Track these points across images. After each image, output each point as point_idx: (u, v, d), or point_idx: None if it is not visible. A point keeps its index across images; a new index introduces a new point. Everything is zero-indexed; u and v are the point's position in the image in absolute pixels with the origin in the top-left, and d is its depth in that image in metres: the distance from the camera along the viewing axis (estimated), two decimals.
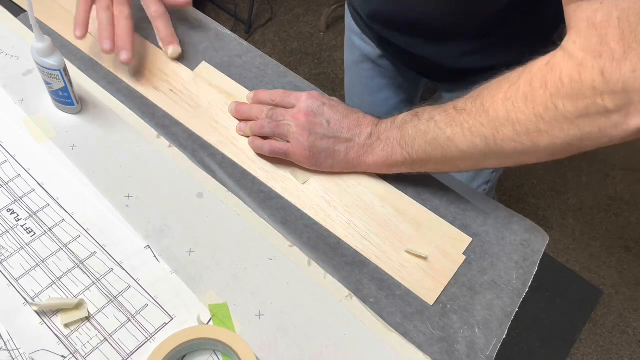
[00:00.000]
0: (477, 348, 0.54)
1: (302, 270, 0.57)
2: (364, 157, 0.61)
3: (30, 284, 0.54)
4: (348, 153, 0.61)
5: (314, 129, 0.61)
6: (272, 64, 0.76)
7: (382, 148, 0.60)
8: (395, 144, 0.59)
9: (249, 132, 0.66)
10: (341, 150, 0.61)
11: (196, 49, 0.76)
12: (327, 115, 0.61)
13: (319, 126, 0.61)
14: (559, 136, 0.48)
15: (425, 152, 0.57)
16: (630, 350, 1.49)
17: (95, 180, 0.62)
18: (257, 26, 2.22)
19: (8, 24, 0.75)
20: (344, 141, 0.61)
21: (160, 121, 0.68)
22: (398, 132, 0.59)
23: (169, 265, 0.57)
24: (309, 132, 0.61)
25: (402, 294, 0.57)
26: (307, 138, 0.61)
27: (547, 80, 0.47)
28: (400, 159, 0.60)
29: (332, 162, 0.62)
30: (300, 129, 0.61)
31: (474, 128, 0.53)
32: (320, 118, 0.61)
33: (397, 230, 0.61)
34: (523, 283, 0.59)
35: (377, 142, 0.60)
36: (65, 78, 0.62)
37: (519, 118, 0.49)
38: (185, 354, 0.51)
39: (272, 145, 0.63)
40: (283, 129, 0.62)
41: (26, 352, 0.50)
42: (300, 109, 0.62)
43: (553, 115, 0.47)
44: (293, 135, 0.61)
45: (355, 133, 0.61)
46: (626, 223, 1.73)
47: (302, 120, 0.61)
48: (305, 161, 0.62)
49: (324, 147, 0.61)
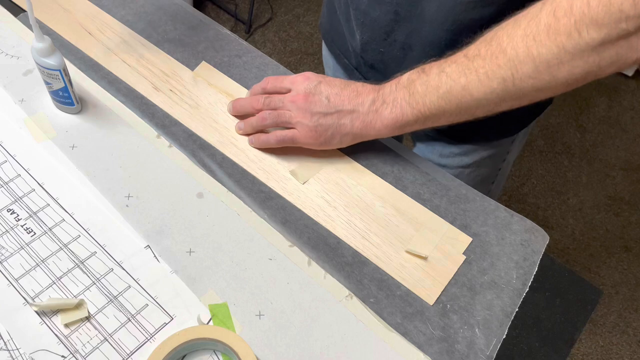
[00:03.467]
0: (477, 348, 0.54)
1: (302, 270, 0.57)
2: (371, 124, 0.60)
3: (30, 284, 0.54)
4: (354, 124, 0.61)
5: (315, 109, 0.60)
6: (272, 64, 0.76)
7: (390, 111, 0.59)
8: (404, 104, 0.58)
9: (250, 129, 0.66)
10: (346, 123, 0.61)
11: (196, 49, 0.76)
12: (325, 92, 0.61)
13: (319, 104, 0.60)
14: (579, 65, 0.48)
15: (438, 106, 0.56)
16: (630, 350, 1.49)
17: (95, 180, 0.62)
18: (257, 26, 2.22)
19: (8, 24, 0.75)
20: (347, 113, 0.60)
21: (160, 121, 0.68)
22: (405, 91, 0.58)
23: (169, 265, 0.57)
24: (311, 113, 0.60)
25: (402, 294, 0.57)
26: (310, 119, 0.60)
27: (572, 6, 0.46)
28: (412, 118, 0.58)
29: (340, 138, 0.62)
30: (302, 112, 0.61)
31: (490, 72, 0.52)
32: (319, 96, 0.61)
33: (397, 230, 0.61)
34: (523, 283, 0.59)
35: (383, 106, 0.59)
36: (65, 78, 0.62)
37: (540, 52, 0.49)
38: (185, 354, 0.51)
39: (277, 135, 0.63)
40: (285, 116, 0.62)
41: (26, 352, 0.50)
42: (297, 92, 0.61)
43: (575, 44, 0.47)
44: (296, 119, 0.61)
45: (358, 102, 0.60)
46: (626, 223, 1.74)
47: (302, 103, 0.61)
48: (313, 142, 0.62)
49: (329, 124, 0.61)
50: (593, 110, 2.00)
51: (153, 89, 0.71)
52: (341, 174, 0.65)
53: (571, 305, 0.66)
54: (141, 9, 0.80)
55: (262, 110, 0.64)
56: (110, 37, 0.76)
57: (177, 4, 0.82)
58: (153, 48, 0.75)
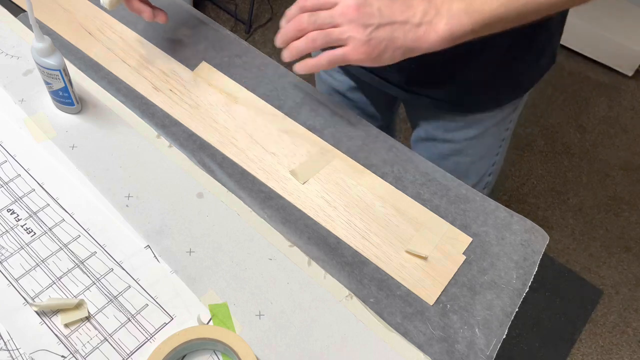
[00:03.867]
0: (477, 348, 0.54)
1: (302, 270, 0.57)
2: (425, 36, 0.57)
3: (30, 284, 0.54)
4: (407, 36, 0.57)
5: (368, 21, 0.56)
6: (272, 64, 0.76)
7: (446, 22, 0.56)
8: (461, 14, 0.55)
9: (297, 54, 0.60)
10: (400, 36, 0.57)
11: (196, 49, 0.76)
12: (377, 3, 0.57)
13: (372, 16, 0.56)
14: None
15: (497, 14, 0.55)
16: (630, 350, 1.49)
17: (95, 180, 0.62)
18: (257, 26, 2.22)
19: (8, 24, 0.75)
20: (400, 25, 0.57)
21: (160, 121, 0.68)
22: (462, 2, 0.55)
23: (169, 265, 0.57)
24: (364, 25, 0.56)
25: (402, 294, 0.57)
26: (363, 32, 0.56)
27: None
28: (468, 29, 0.56)
29: (392, 52, 0.58)
30: (354, 25, 0.56)
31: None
32: (370, 7, 0.56)
33: (397, 230, 0.61)
34: (523, 283, 0.59)
35: (437, 17, 0.56)
36: (65, 78, 0.62)
37: None
38: (185, 354, 0.51)
39: (328, 56, 0.59)
40: (335, 33, 0.57)
41: (26, 352, 0.50)
42: (347, 4, 0.57)
43: None
44: (347, 34, 0.57)
45: (410, 14, 0.56)
46: (626, 223, 1.73)
47: (354, 15, 0.56)
48: (366, 57, 0.58)
49: (383, 37, 0.57)
50: (593, 110, 2.00)
51: (153, 89, 0.71)
52: (341, 174, 0.65)
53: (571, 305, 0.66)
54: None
55: (307, 30, 0.59)
56: (110, 37, 0.76)
57: (177, 4, 0.82)
58: (153, 48, 0.75)
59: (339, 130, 0.70)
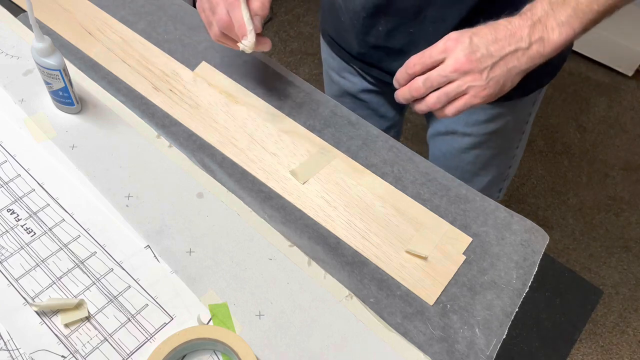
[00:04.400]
0: (477, 348, 0.54)
1: (302, 270, 0.57)
2: (538, 52, 0.58)
3: (30, 284, 0.54)
4: (521, 62, 0.58)
5: (482, 65, 0.57)
6: (272, 64, 0.76)
7: (559, 32, 0.57)
8: (571, 20, 0.57)
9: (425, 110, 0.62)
10: (514, 64, 0.58)
11: (196, 49, 0.76)
12: (483, 44, 0.58)
13: (484, 60, 0.57)
14: None
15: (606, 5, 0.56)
16: (630, 350, 1.49)
17: (95, 180, 0.62)
18: None
19: (8, 24, 0.75)
20: (511, 55, 0.58)
21: (160, 121, 0.68)
22: (567, 8, 0.57)
23: (169, 265, 0.57)
24: (480, 72, 0.57)
25: (402, 294, 0.57)
26: (481, 78, 0.58)
27: None
28: (580, 31, 0.58)
29: (512, 80, 0.59)
30: (470, 76, 0.57)
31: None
32: (480, 52, 0.57)
33: (397, 230, 0.61)
34: (523, 283, 0.59)
35: (547, 32, 0.57)
36: (65, 78, 0.62)
37: None
38: (185, 354, 0.51)
39: (455, 109, 0.60)
40: (453, 90, 0.58)
41: (26, 352, 0.50)
42: (457, 58, 0.57)
43: None
44: (465, 85, 0.58)
45: (516, 41, 0.57)
46: (626, 223, 1.74)
47: (468, 67, 0.57)
48: (489, 98, 0.59)
49: (500, 73, 0.58)
50: (593, 110, 2.00)
51: (153, 89, 0.71)
52: (341, 174, 0.65)
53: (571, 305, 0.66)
54: (141, 9, 0.80)
55: (425, 94, 0.60)
56: (110, 37, 0.76)
57: (177, 4, 0.82)
58: (153, 48, 0.75)
59: (339, 130, 0.70)
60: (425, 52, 0.59)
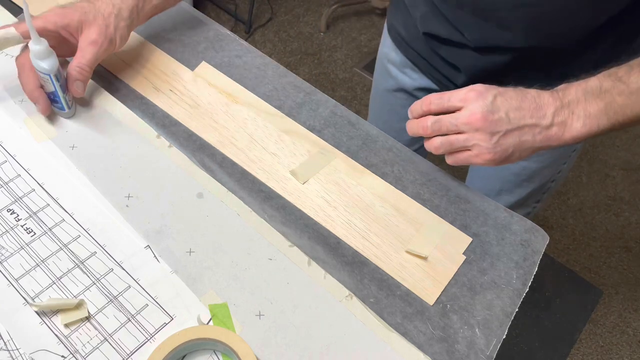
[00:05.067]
0: (477, 348, 0.54)
1: (302, 270, 0.57)
2: (556, 135, 0.56)
3: (30, 284, 0.54)
4: (536, 138, 0.56)
5: (495, 129, 0.55)
6: (272, 64, 0.76)
7: (583, 123, 0.55)
8: (599, 115, 0.55)
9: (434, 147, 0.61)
10: (528, 139, 0.56)
11: (196, 49, 0.76)
12: (504, 108, 0.56)
13: (500, 124, 0.55)
14: None
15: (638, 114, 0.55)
16: (630, 350, 1.49)
17: (95, 180, 0.62)
18: (257, 26, 2.22)
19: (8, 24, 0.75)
20: (529, 128, 0.56)
21: (160, 121, 0.68)
22: (600, 102, 0.55)
23: (169, 265, 0.57)
24: (491, 134, 0.55)
25: (402, 294, 0.57)
26: (490, 140, 0.56)
27: None
28: (606, 127, 0.56)
29: (519, 154, 0.58)
30: (480, 134, 0.56)
31: None
32: (498, 114, 0.55)
33: (397, 230, 0.61)
34: (523, 283, 0.59)
35: (572, 117, 0.56)
36: (55, 83, 0.61)
37: None
38: (185, 354, 0.51)
39: (454, 161, 0.60)
40: (459, 142, 0.57)
41: (26, 352, 0.50)
42: (472, 112, 0.56)
43: None
44: (472, 141, 0.57)
45: (539, 115, 0.56)
46: (626, 223, 1.74)
47: (480, 125, 0.55)
48: (492, 163, 0.58)
49: (510, 143, 0.56)
50: None
51: (153, 89, 0.71)
52: (341, 174, 0.65)
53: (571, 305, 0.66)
54: None
55: (431, 135, 0.60)
56: None
57: (177, 4, 0.81)
58: (153, 48, 0.75)
59: (339, 130, 0.70)
60: (446, 95, 0.58)
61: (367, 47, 2.20)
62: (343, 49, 2.18)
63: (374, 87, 1.00)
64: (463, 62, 0.74)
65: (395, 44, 0.86)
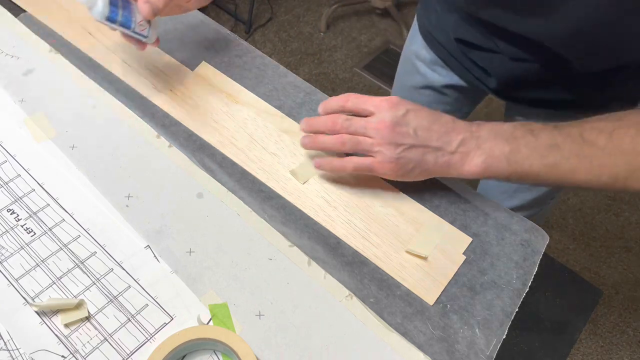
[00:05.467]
0: (477, 348, 0.54)
1: (302, 270, 0.57)
2: (457, 165, 0.58)
3: (30, 284, 0.54)
4: (437, 161, 0.58)
5: (400, 140, 0.57)
6: (272, 64, 0.76)
7: (484, 160, 0.56)
8: (501, 157, 0.56)
9: (321, 149, 0.62)
10: (430, 159, 0.58)
11: (196, 49, 0.76)
12: (414, 123, 0.57)
13: (406, 136, 0.57)
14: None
15: (537, 173, 0.55)
16: (630, 350, 1.49)
17: (95, 180, 0.62)
18: (257, 26, 2.22)
19: (8, 24, 0.75)
20: (433, 150, 0.57)
21: (160, 121, 0.68)
22: (506, 145, 0.56)
23: (169, 265, 0.57)
24: (396, 144, 0.57)
25: (402, 294, 0.57)
26: (393, 150, 0.57)
27: None
28: (505, 174, 0.57)
29: (419, 172, 0.59)
30: (385, 142, 0.57)
31: (604, 166, 0.52)
32: (406, 127, 0.57)
33: (397, 230, 0.61)
34: (523, 283, 0.59)
35: (475, 151, 0.57)
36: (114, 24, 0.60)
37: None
38: (185, 354, 0.51)
39: (356, 163, 0.60)
40: (366, 144, 0.58)
41: (26, 352, 0.50)
42: (382, 120, 0.57)
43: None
44: (377, 147, 0.57)
45: (446, 140, 0.57)
46: (626, 223, 1.74)
47: (387, 132, 0.57)
48: (391, 174, 0.59)
49: (412, 158, 0.57)
50: None
51: (153, 89, 0.71)
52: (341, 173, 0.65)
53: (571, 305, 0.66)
54: None
55: (339, 132, 0.60)
56: (110, 37, 0.76)
57: None
58: (153, 48, 0.75)
59: None
60: (364, 97, 0.59)
61: (367, 47, 2.20)
62: (343, 49, 2.18)
63: (397, 85, 1.00)
64: (494, 67, 0.74)
65: (426, 41, 0.86)
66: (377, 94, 2.08)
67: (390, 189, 0.64)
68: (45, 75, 0.70)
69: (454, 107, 0.94)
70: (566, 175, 0.54)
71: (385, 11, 2.28)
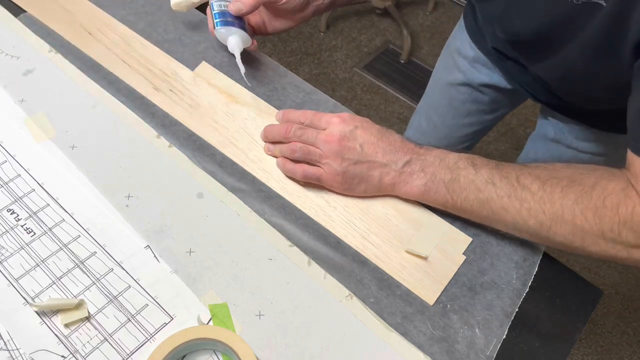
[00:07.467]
0: (477, 348, 0.54)
1: (302, 270, 0.57)
2: (400, 184, 0.60)
3: (30, 284, 0.54)
4: (382, 178, 0.60)
5: (347, 154, 0.59)
6: (272, 64, 0.76)
7: (425, 183, 0.58)
8: (441, 184, 0.58)
9: (279, 154, 0.64)
10: (375, 175, 0.59)
11: (196, 49, 0.76)
12: (361, 139, 0.59)
13: (352, 151, 0.59)
14: (609, 251, 0.52)
15: (471, 206, 0.57)
16: (630, 350, 1.49)
17: (95, 180, 0.62)
18: None
19: (8, 24, 0.75)
20: (379, 166, 0.59)
21: (160, 121, 0.68)
22: (448, 173, 0.58)
23: (169, 265, 0.57)
24: (342, 158, 0.59)
25: (402, 294, 0.57)
26: (339, 163, 0.59)
27: (619, 207, 0.50)
28: (441, 200, 0.58)
29: (365, 187, 0.61)
30: (332, 154, 0.59)
31: (533, 211, 0.54)
32: (353, 142, 0.59)
33: (397, 230, 0.61)
34: (523, 283, 0.59)
35: (419, 174, 0.59)
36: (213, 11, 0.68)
37: (583, 226, 0.52)
38: (185, 354, 0.51)
39: (304, 170, 0.61)
40: (315, 154, 0.60)
41: (26, 352, 0.50)
42: (332, 133, 0.59)
43: (614, 238, 0.51)
44: (325, 159, 0.60)
45: (392, 159, 0.59)
46: None
47: (335, 145, 0.59)
48: (338, 186, 0.61)
49: (358, 173, 0.59)
50: None
51: (153, 89, 0.71)
52: None
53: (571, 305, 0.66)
54: (141, 9, 0.80)
55: (291, 140, 0.62)
56: (110, 37, 0.76)
57: None
58: (153, 48, 0.75)
59: None
60: (319, 114, 0.62)
61: (367, 47, 2.20)
62: (343, 49, 2.18)
63: (434, 80, 1.00)
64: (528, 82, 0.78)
65: (471, 38, 0.86)
66: (377, 93, 2.08)
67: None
68: (45, 75, 0.70)
69: (489, 107, 0.94)
70: (498, 213, 0.56)
71: (385, 11, 2.28)
